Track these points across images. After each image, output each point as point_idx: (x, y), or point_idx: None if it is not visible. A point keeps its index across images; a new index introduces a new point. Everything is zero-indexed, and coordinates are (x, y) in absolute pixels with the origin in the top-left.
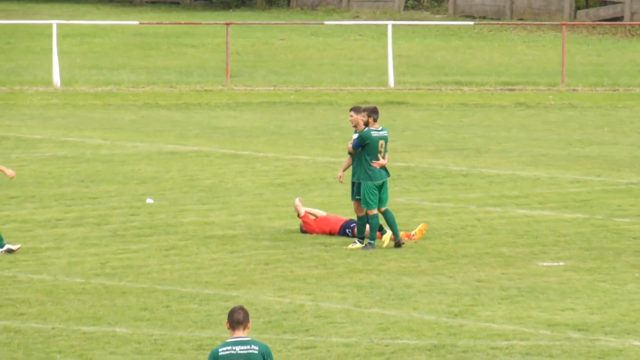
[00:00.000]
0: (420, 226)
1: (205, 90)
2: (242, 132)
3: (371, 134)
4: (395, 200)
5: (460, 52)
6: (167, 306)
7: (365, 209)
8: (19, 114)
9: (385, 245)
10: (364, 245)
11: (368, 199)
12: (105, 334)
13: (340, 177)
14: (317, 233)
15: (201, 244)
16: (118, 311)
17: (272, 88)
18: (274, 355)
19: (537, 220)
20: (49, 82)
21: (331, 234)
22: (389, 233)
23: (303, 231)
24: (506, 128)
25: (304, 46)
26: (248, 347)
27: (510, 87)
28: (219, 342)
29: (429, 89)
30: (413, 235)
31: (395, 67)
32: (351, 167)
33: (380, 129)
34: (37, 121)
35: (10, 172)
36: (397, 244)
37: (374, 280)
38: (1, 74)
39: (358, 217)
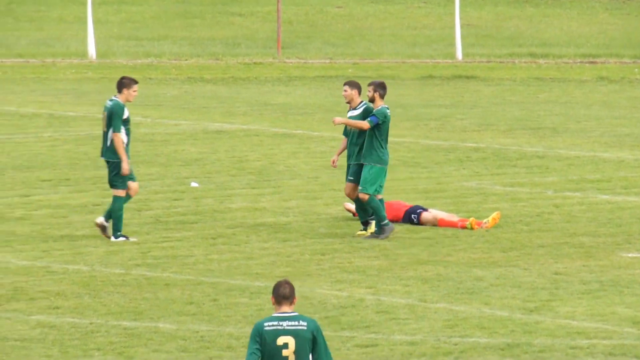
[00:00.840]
0: (494, 214)
1: (255, 63)
2: (295, 109)
3: (388, 113)
4: (464, 184)
5: (536, 21)
6: (214, 300)
7: (374, 194)
8: (52, 88)
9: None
10: (371, 233)
11: (382, 184)
12: (147, 329)
13: (334, 161)
14: None
15: (251, 232)
16: (161, 305)
17: (327, 61)
18: (333, 354)
19: (621, 207)
20: (84, 54)
21: (394, 220)
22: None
23: None
24: (586, 105)
25: (363, 14)
26: (296, 322)
27: (591, 59)
28: None
29: (501, 62)
30: (485, 223)
31: (463, 37)
32: (347, 148)
33: (387, 107)
34: (71, 97)
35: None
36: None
37: (440, 272)
38: (32, 45)
39: (355, 201)
